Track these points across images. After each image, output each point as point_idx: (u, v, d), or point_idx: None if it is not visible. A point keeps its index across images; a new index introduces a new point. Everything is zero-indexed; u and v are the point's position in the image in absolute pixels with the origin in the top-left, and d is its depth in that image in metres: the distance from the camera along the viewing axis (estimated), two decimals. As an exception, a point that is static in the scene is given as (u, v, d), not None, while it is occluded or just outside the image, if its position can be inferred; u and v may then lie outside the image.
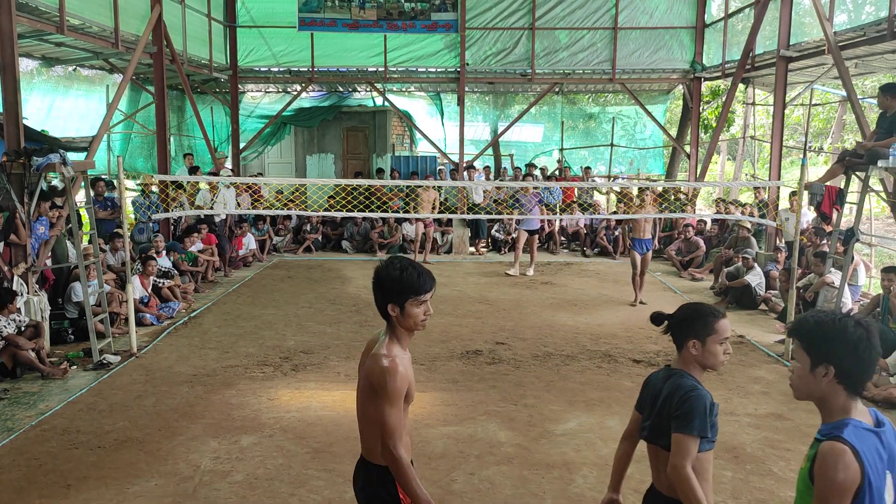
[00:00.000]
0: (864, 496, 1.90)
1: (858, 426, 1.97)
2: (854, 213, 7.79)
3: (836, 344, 2.00)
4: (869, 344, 2.00)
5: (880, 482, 1.93)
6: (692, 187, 13.91)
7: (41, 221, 7.79)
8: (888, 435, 2.01)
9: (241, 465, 4.92)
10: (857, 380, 2.01)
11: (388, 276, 2.63)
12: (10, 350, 6.59)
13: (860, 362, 2.00)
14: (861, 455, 1.91)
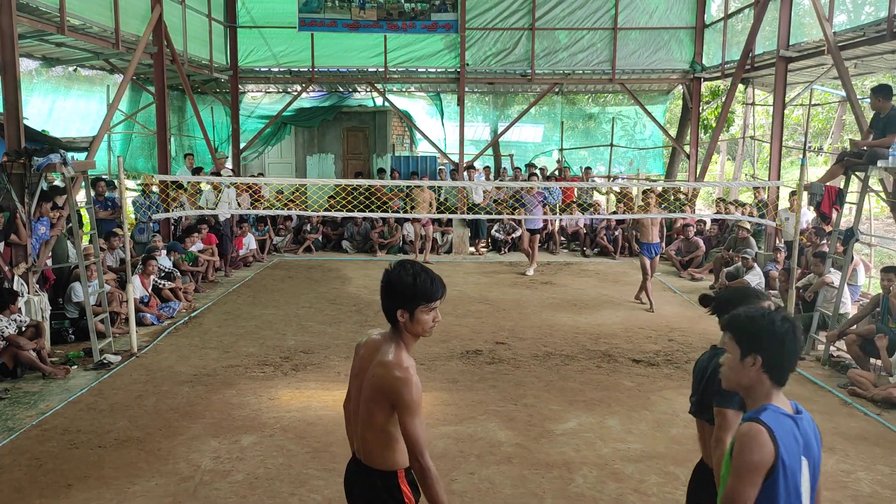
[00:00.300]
0: (778, 474, 2.02)
1: (777, 411, 2.13)
2: (853, 213, 7.80)
3: (764, 336, 2.15)
4: (794, 337, 2.16)
5: (794, 464, 2.07)
6: (692, 187, 13.91)
7: (42, 221, 7.80)
8: (805, 423, 2.16)
9: (241, 464, 4.93)
10: (782, 370, 2.18)
11: (400, 281, 2.59)
12: (12, 350, 6.60)
13: (785, 354, 2.16)
14: (776, 436, 2.05)
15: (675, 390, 6.52)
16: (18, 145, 7.26)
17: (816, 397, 6.40)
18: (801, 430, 2.14)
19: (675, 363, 7.32)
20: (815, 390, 6.60)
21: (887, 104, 7.19)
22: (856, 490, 4.66)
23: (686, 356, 7.56)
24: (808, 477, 2.13)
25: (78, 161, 8.02)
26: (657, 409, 6.05)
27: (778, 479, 2.05)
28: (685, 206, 13.56)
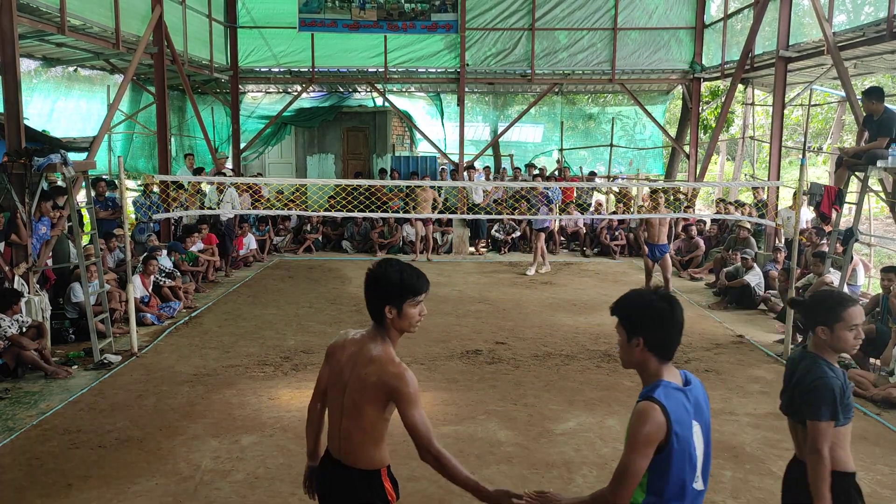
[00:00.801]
0: (672, 446, 2.22)
1: (668, 386, 2.29)
2: (853, 213, 7.81)
3: (643, 318, 2.34)
4: (671, 315, 2.32)
5: (686, 432, 2.26)
6: (692, 187, 13.92)
7: (43, 221, 7.81)
8: (694, 391, 2.35)
9: (241, 464, 4.94)
10: (665, 347, 2.34)
11: (387, 278, 2.64)
12: (14, 350, 6.61)
13: (664, 332, 2.33)
14: (668, 411, 2.23)
15: (675, 390, 6.52)
16: (19, 145, 7.27)
17: (816, 397, 6.41)
18: (691, 399, 2.32)
19: (675, 363, 7.31)
20: (815, 390, 6.60)
21: (880, 106, 7.22)
22: (855, 490, 4.67)
23: (686, 356, 7.57)
24: (700, 439, 2.32)
25: (78, 161, 8.02)
26: (657, 408, 6.05)
27: (672, 450, 2.23)
28: (688, 208, 13.56)
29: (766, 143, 13.64)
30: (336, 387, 2.70)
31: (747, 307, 9.87)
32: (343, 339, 2.76)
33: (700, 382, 2.44)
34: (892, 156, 6.96)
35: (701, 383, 2.45)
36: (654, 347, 2.34)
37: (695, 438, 2.30)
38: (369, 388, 2.57)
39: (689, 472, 2.28)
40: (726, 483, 4.73)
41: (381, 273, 2.68)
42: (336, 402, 2.70)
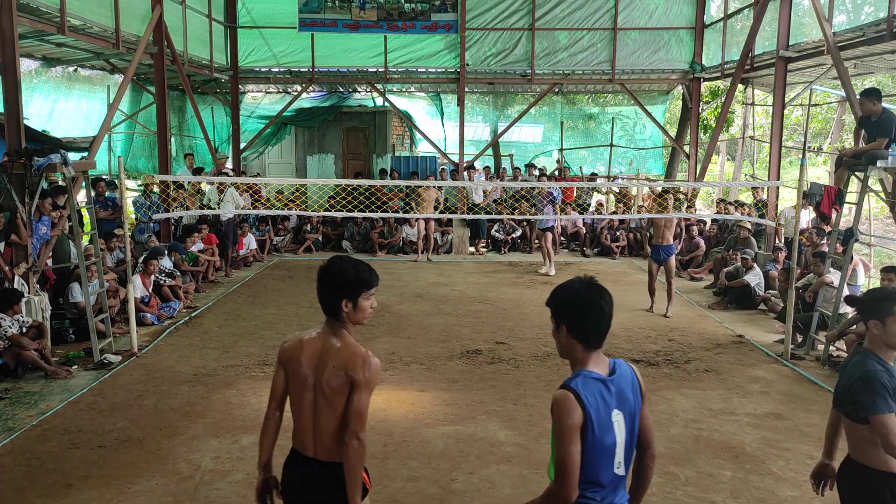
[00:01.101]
0: (588, 429, 2.28)
1: (588, 375, 2.35)
2: (853, 213, 7.81)
3: (566, 307, 2.39)
4: (593, 304, 2.37)
5: (604, 420, 2.31)
6: (692, 187, 13.92)
7: (43, 221, 7.81)
8: (619, 381, 2.40)
9: (241, 464, 4.94)
10: (587, 334, 2.39)
11: (343, 273, 2.80)
12: (14, 350, 6.61)
13: (586, 320, 2.37)
14: (583, 398, 2.28)
15: (675, 390, 6.52)
16: (19, 145, 7.27)
17: (816, 397, 6.41)
18: (613, 389, 2.37)
19: (675, 363, 7.33)
20: (815, 390, 6.61)
21: (878, 107, 7.22)
22: (855, 490, 4.67)
23: (686, 356, 7.57)
24: (623, 427, 2.37)
25: (78, 161, 8.03)
26: (657, 409, 6.05)
27: (587, 436, 2.28)
28: (688, 208, 13.56)
29: (766, 143, 13.64)
30: (303, 389, 2.78)
31: (747, 307, 9.87)
32: (297, 342, 2.88)
33: (631, 371, 2.49)
34: (891, 156, 6.97)
35: (632, 371, 2.50)
36: (577, 335, 2.39)
37: (615, 427, 2.35)
38: (343, 380, 2.70)
39: (607, 458, 2.34)
40: (726, 483, 4.73)
41: (338, 269, 2.81)
42: (306, 402, 2.77)
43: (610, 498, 2.39)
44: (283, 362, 2.88)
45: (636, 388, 2.46)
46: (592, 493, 2.35)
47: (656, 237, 9.38)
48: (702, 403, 6.19)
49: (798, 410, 6.06)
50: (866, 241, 11.51)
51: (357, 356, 2.73)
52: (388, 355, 7.42)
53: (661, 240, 9.30)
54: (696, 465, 4.99)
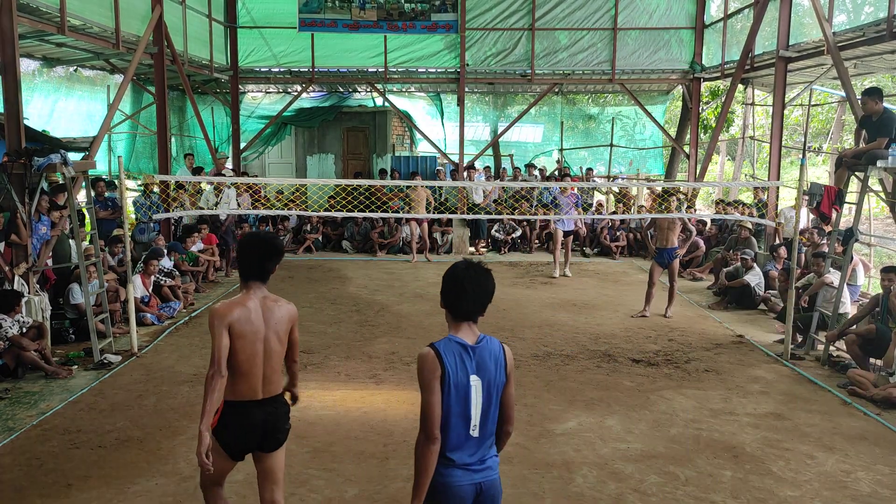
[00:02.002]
0: (446, 385, 2.67)
1: (452, 339, 2.73)
2: (853, 213, 7.81)
3: (444, 280, 2.80)
4: (458, 282, 2.73)
5: (461, 379, 2.68)
6: (692, 187, 13.92)
7: (43, 221, 7.81)
8: (480, 351, 2.74)
9: (241, 464, 4.91)
10: (454, 307, 2.77)
11: (276, 243, 3.56)
12: (14, 351, 6.61)
13: (451, 295, 2.75)
14: (442, 355, 2.68)
15: (675, 390, 6.52)
16: (19, 145, 7.27)
17: (816, 397, 6.41)
18: (475, 355, 2.72)
19: (675, 363, 7.33)
20: (815, 390, 6.61)
21: (880, 106, 7.22)
22: (856, 490, 4.67)
23: (686, 356, 7.58)
24: (480, 391, 2.71)
25: (78, 161, 8.03)
26: (657, 408, 6.05)
27: (446, 387, 2.66)
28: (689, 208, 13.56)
29: (766, 143, 13.64)
30: (255, 342, 3.29)
31: (747, 307, 9.86)
32: (237, 306, 3.32)
33: (499, 348, 2.80)
34: (892, 156, 6.96)
35: (501, 348, 2.81)
36: (447, 306, 2.80)
37: (473, 391, 2.69)
38: (287, 326, 3.42)
39: (464, 417, 2.70)
40: (726, 483, 4.73)
41: (271, 238, 3.58)
42: (258, 352, 3.30)
43: (463, 458, 2.72)
44: (230, 326, 3.24)
45: (500, 362, 2.77)
46: (449, 449, 2.70)
47: (660, 240, 9.28)
48: (702, 403, 6.19)
49: (798, 410, 6.06)
50: (866, 241, 11.52)
51: (289, 303, 3.53)
52: (388, 355, 7.42)
53: (665, 242, 9.21)
54: (696, 465, 4.99)
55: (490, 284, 2.78)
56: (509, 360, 2.81)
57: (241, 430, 3.29)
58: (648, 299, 9.34)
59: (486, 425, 2.76)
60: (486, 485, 2.77)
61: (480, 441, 2.76)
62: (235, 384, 3.28)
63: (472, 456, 2.74)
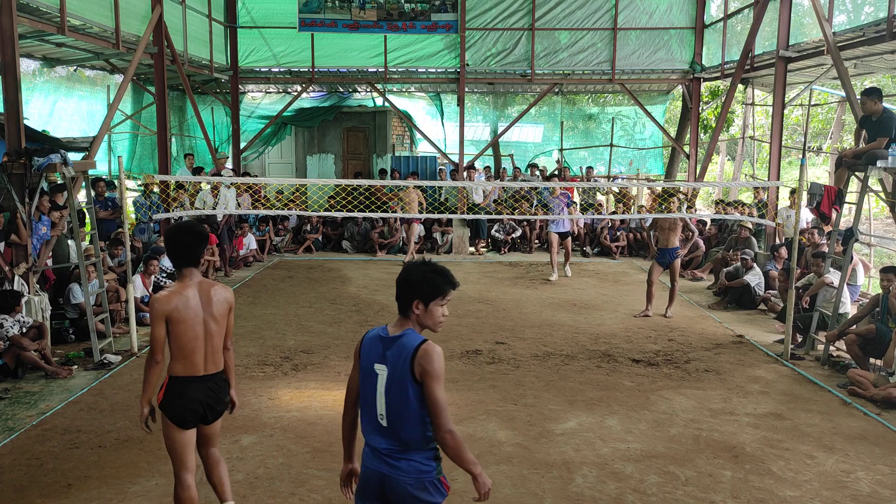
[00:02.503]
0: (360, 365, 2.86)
1: (377, 329, 2.88)
2: (853, 213, 7.81)
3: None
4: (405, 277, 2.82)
5: (368, 365, 2.82)
6: (692, 187, 13.93)
7: (43, 221, 7.81)
8: (395, 345, 2.78)
9: (241, 464, 4.94)
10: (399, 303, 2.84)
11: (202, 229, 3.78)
12: (14, 350, 6.61)
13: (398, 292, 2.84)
14: (363, 343, 2.88)
15: (675, 390, 6.52)
16: (19, 145, 7.27)
17: (816, 397, 6.41)
18: (386, 348, 2.80)
19: (675, 363, 7.33)
20: (815, 390, 6.61)
21: (879, 106, 7.22)
22: (856, 490, 4.67)
23: (686, 356, 7.58)
24: (383, 382, 2.79)
25: (78, 161, 8.02)
26: (657, 408, 6.05)
27: (359, 368, 2.86)
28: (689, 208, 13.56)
29: (766, 143, 13.64)
30: (197, 324, 3.66)
31: (747, 307, 9.86)
32: (176, 295, 3.62)
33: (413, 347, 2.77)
34: (892, 156, 6.96)
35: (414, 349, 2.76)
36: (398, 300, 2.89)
37: (378, 378, 2.79)
38: (224, 308, 3.82)
39: (371, 400, 2.81)
40: (726, 483, 4.73)
41: (195, 226, 3.77)
42: (199, 334, 3.68)
43: (374, 441, 2.82)
44: (169, 314, 3.59)
45: (406, 360, 2.75)
46: (364, 430, 2.86)
47: (661, 240, 9.28)
48: (702, 403, 6.19)
49: (798, 410, 6.06)
50: (866, 241, 11.52)
51: (226, 288, 3.87)
52: (388, 355, 7.42)
53: (666, 243, 9.21)
54: (696, 465, 4.99)
55: (400, 280, 2.82)
56: (422, 362, 2.73)
57: (185, 402, 3.65)
58: (650, 299, 9.35)
59: (400, 422, 2.76)
60: (392, 482, 2.76)
61: (391, 433, 2.78)
62: (180, 363, 3.65)
63: (381, 443, 2.80)
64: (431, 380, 2.75)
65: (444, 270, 2.88)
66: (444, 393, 2.80)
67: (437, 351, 2.78)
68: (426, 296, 2.82)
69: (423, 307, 2.82)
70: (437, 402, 2.77)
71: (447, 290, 2.87)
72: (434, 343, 2.80)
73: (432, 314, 2.86)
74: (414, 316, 2.82)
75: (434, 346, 2.78)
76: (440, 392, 2.78)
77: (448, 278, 2.88)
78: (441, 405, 2.78)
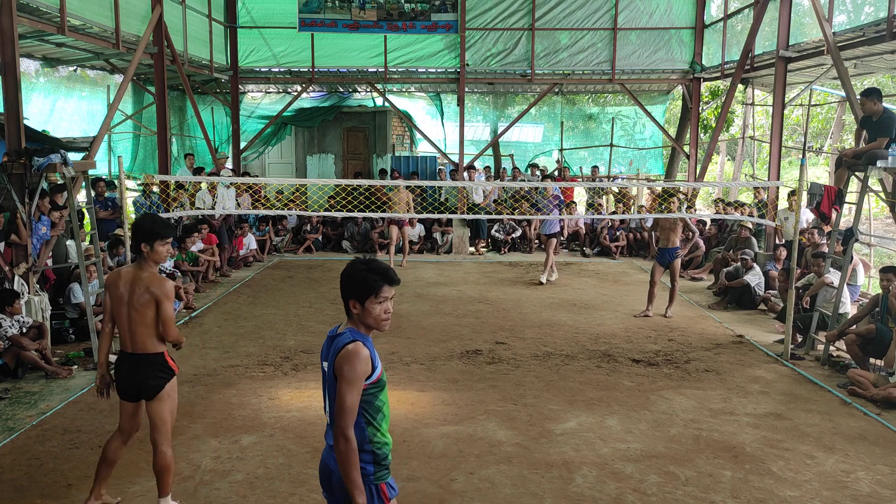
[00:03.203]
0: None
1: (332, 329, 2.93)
2: (853, 213, 7.81)
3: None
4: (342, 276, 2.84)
5: (321, 360, 2.93)
6: (691, 187, 13.93)
7: (43, 221, 7.81)
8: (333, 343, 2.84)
9: (241, 464, 4.94)
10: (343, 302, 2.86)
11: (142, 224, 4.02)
12: (14, 350, 6.61)
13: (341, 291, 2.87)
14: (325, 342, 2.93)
15: (675, 390, 6.52)
16: (19, 145, 7.27)
17: (816, 397, 6.41)
18: (329, 344, 2.88)
19: (675, 363, 7.33)
20: (815, 390, 6.61)
21: (879, 106, 7.22)
22: (856, 490, 4.67)
23: (686, 356, 7.57)
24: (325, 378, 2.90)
25: (78, 161, 8.03)
26: (657, 408, 6.05)
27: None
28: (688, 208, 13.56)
29: (766, 143, 13.64)
30: (119, 305, 4.01)
31: (747, 307, 9.86)
32: (117, 274, 4.05)
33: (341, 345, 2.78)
34: (892, 156, 6.96)
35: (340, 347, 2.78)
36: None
37: (325, 374, 2.89)
38: (146, 298, 3.97)
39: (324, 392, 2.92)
40: (726, 483, 4.73)
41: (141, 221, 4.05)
42: (120, 314, 4.02)
43: (326, 436, 2.93)
44: (108, 289, 4.05)
45: (332, 358, 2.81)
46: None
47: (661, 240, 9.29)
48: (702, 403, 6.19)
49: (798, 410, 6.06)
50: (866, 241, 11.52)
51: (156, 279, 4.01)
52: (389, 355, 7.42)
53: (666, 242, 9.22)
54: (696, 465, 4.99)
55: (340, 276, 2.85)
56: (341, 362, 2.74)
57: (118, 373, 4.16)
58: (651, 299, 9.35)
59: (332, 416, 2.82)
60: (334, 477, 2.84)
61: (330, 426, 2.85)
62: (118, 336, 4.14)
63: (328, 437, 2.90)
64: (342, 380, 2.73)
65: (381, 268, 2.82)
66: (352, 396, 2.71)
67: (357, 354, 2.72)
68: (360, 294, 2.78)
69: (359, 306, 2.79)
70: (341, 402, 2.72)
71: (381, 286, 2.78)
72: (360, 346, 2.75)
73: (370, 312, 2.80)
74: (354, 315, 2.82)
75: (357, 349, 2.74)
76: (347, 394, 2.71)
77: (384, 275, 2.80)
78: (343, 407, 2.71)
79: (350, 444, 2.71)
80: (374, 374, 2.79)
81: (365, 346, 2.77)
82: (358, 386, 2.73)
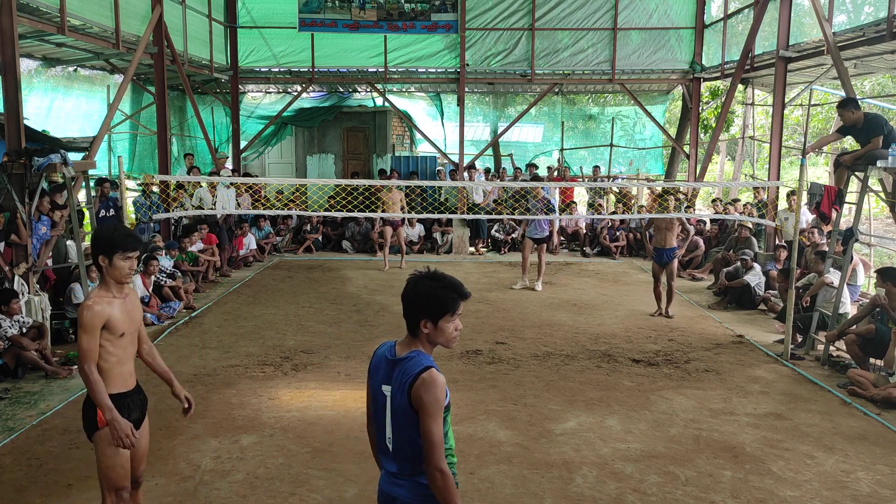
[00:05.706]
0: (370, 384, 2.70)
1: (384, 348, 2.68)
2: (853, 213, 7.81)
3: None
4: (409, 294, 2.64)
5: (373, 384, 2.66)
6: (691, 187, 13.92)
7: (43, 221, 7.81)
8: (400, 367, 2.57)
9: (241, 464, 4.94)
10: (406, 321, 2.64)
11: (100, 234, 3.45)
12: (14, 351, 6.61)
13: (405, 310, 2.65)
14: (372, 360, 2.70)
15: (675, 390, 6.52)
16: (19, 145, 7.27)
17: (816, 397, 6.41)
18: (393, 368, 2.59)
19: (675, 363, 7.33)
20: (815, 390, 6.61)
21: (859, 114, 7.21)
22: (856, 490, 4.67)
23: (686, 356, 7.57)
24: (389, 405, 2.59)
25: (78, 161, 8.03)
26: (657, 408, 6.05)
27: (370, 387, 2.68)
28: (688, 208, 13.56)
29: (766, 143, 13.63)
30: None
31: (747, 307, 9.86)
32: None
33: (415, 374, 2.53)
34: (891, 156, 6.96)
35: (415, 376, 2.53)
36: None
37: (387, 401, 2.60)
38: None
39: (380, 422, 2.63)
40: (726, 483, 4.73)
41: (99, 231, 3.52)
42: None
43: (384, 463, 2.68)
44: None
45: (404, 386, 2.53)
46: (378, 450, 2.71)
47: (658, 240, 9.25)
48: (702, 403, 6.19)
49: (798, 410, 6.06)
50: (866, 241, 11.52)
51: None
52: (388, 355, 7.41)
53: (662, 242, 9.18)
54: (696, 465, 4.99)
55: (405, 297, 2.62)
56: (420, 391, 2.49)
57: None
58: (658, 298, 9.36)
59: (402, 444, 2.58)
60: (392, 496, 2.65)
61: (396, 455, 2.61)
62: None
63: (390, 466, 2.64)
64: (424, 413, 2.50)
65: (454, 283, 2.64)
66: (438, 428, 2.50)
67: (436, 382, 2.50)
68: (436, 313, 2.57)
69: (431, 325, 2.57)
70: (428, 437, 2.50)
71: (458, 303, 2.61)
72: (435, 373, 2.53)
73: (443, 331, 2.60)
74: (423, 335, 2.59)
75: (435, 377, 2.51)
76: (432, 427, 2.49)
77: (458, 291, 2.63)
78: (432, 441, 2.49)
79: (447, 478, 2.50)
80: (446, 399, 2.59)
81: (438, 372, 2.55)
82: (441, 416, 2.52)
